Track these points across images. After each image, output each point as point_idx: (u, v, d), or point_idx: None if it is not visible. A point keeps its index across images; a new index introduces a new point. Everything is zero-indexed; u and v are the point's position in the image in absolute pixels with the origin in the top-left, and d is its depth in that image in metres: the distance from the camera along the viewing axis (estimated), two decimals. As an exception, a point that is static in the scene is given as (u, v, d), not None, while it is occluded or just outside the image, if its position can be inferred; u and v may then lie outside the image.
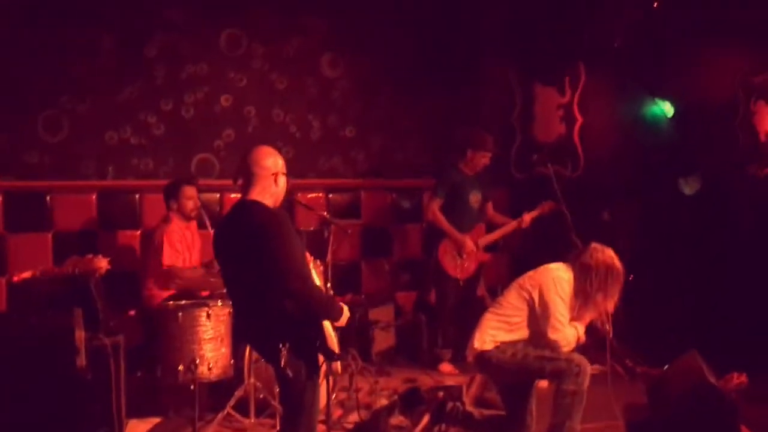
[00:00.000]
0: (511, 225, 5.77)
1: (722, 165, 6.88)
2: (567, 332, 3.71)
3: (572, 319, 3.81)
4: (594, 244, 3.87)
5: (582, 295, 3.77)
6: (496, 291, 6.34)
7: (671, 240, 5.97)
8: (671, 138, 6.90)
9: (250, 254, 2.94)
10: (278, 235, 2.91)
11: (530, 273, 3.93)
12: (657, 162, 6.63)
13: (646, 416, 4.22)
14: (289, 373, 2.90)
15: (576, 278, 3.77)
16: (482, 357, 3.83)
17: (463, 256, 5.59)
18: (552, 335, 3.70)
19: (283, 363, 2.88)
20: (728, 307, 5.63)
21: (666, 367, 4.32)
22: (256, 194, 3.06)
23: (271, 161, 3.10)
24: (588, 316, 3.82)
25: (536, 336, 3.79)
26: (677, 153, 6.76)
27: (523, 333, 3.82)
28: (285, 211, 3.23)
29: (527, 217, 5.75)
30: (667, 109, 7.02)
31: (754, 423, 4.17)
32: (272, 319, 2.95)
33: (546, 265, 3.92)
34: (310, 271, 3.08)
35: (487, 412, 4.26)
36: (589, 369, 3.66)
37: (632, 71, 6.90)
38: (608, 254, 3.81)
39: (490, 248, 5.88)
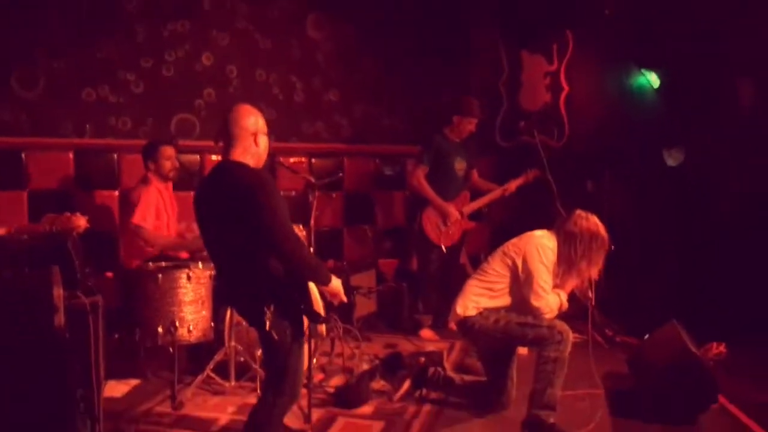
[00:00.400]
0: (496, 192, 5.73)
1: (706, 137, 6.89)
2: (550, 299, 3.72)
3: (555, 286, 3.81)
4: (578, 212, 3.85)
5: (566, 262, 3.77)
6: (478, 259, 6.35)
7: (654, 211, 5.98)
8: (657, 109, 6.89)
9: (235, 215, 2.86)
10: (264, 195, 2.84)
11: (514, 240, 3.91)
12: (642, 133, 6.63)
13: (626, 384, 4.26)
14: (275, 335, 2.85)
15: (560, 245, 3.76)
16: (465, 323, 3.83)
17: (447, 224, 5.55)
18: (535, 302, 3.70)
19: (268, 326, 2.83)
20: (708, 278, 5.67)
21: (647, 336, 4.35)
22: (237, 155, 2.98)
23: (251, 121, 3.01)
24: (571, 284, 3.83)
25: (519, 303, 3.79)
26: (662, 124, 6.76)
27: (505, 300, 3.82)
28: (269, 172, 3.15)
29: (512, 185, 5.72)
30: (653, 80, 7.01)
31: (731, 393, 4.24)
32: (257, 280, 2.89)
33: (530, 232, 3.90)
34: (296, 232, 3.01)
35: (467, 377, 4.28)
36: (571, 336, 3.68)
37: (620, 41, 6.86)
38: (593, 221, 3.79)
39: (474, 216, 5.85)
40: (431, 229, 5.55)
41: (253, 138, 2.99)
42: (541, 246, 3.75)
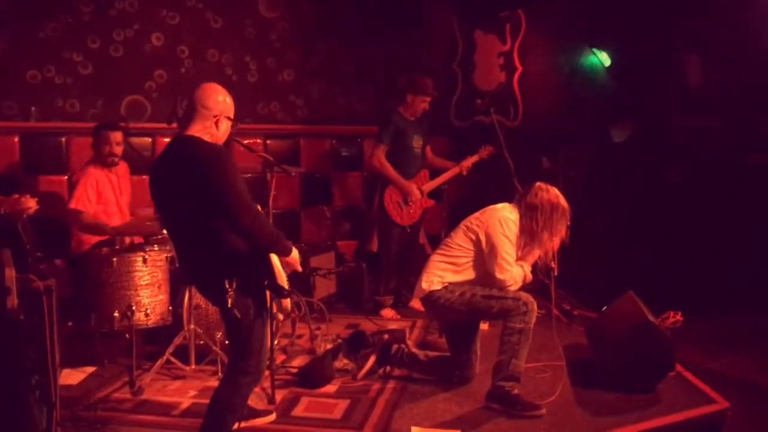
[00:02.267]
0: (454, 170, 5.75)
1: (656, 114, 7.04)
2: (514, 271, 3.74)
3: (519, 258, 3.83)
4: (539, 184, 3.88)
5: (528, 234, 3.80)
6: (438, 238, 6.37)
7: (608, 186, 6.08)
8: (608, 87, 7.00)
9: (191, 189, 2.79)
10: (223, 168, 2.77)
11: (476, 214, 3.93)
12: (594, 110, 6.72)
13: (585, 356, 4.33)
14: (237, 313, 2.80)
15: (522, 217, 3.79)
16: (430, 297, 3.83)
17: (409, 202, 5.55)
18: (499, 275, 3.72)
19: (230, 303, 2.77)
20: (662, 249, 5.81)
21: (605, 308, 4.42)
22: (194, 131, 2.91)
23: (214, 102, 2.93)
24: (534, 255, 3.85)
25: (483, 276, 3.81)
26: (612, 102, 6.87)
27: (470, 274, 3.83)
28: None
29: (467, 163, 5.74)
30: (604, 58, 7.10)
31: (684, 361, 4.35)
32: (217, 257, 2.83)
33: (492, 206, 3.92)
34: (256, 206, 2.96)
35: (431, 353, 4.28)
36: (536, 307, 3.71)
37: (572, 21, 6.93)
38: (553, 193, 3.83)
39: (433, 195, 5.86)
40: (393, 209, 5.53)
41: (215, 120, 2.93)
42: (503, 219, 3.77)
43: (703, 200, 6.04)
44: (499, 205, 3.89)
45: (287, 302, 3.12)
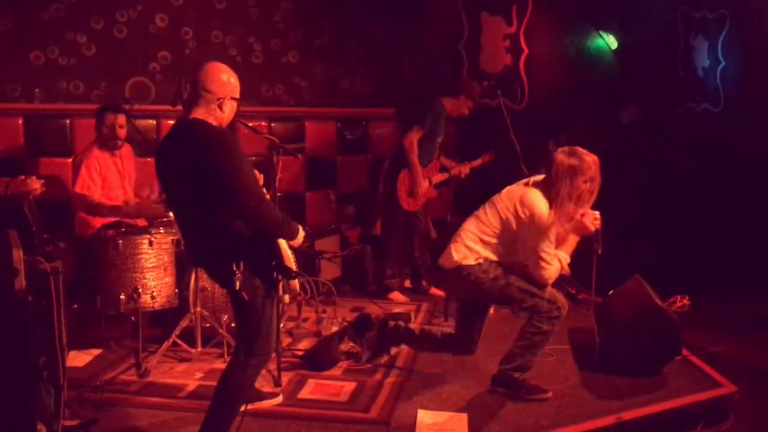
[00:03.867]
0: (455, 171, 5.74)
1: (662, 98, 7.00)
2: (552, 269, 3.53)
3: (558, 244, 3.59)
4: (560, 149, 3.57)
5: (558, 207, 3.47)
6: (443, 222, 6.36)
7: (612, 170, 6.04)
8: (614, 70, 6.96)
9: (198, 172, 2.77)
10: (228, 150, 2.75)
11: (507, 195, 3.63)
12: (600, 93, 6.69)
13: (591, 339, 4.32)
14: (245, 295, 2.79)
15: (551, 200, 3.48)
16: (460, 270, 3.63)
17: (416, 191, 5.52)
18: (538, 273, 3.53)
19: (238, 286, 2.76)
20: (667, 234, 5.79)
21: (611, 291, 4.41)
22: (199, 114, 2.88)
23: (218, 85, 2.89)
24: (573, 239, 3.61)
25: (510, 254, 3.65)
26: (619, 85, 6.83)
27: (498, 250, 3.63)
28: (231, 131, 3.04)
29: (466, 168, 5.75)
30: (610, 41, 7.06)
31: (693, 346, 4.35)
32: (225, 239, 2.81)
33: (522, 188, 3.60)
34: (262, 189, 2.94)
35: (427, 328, 4.21)
36: (566, 313, 3.61)
37: (578, 3, 6.87)
38: (575, 153, 3.48)
39: (438, 185, 5.86)
40: (403, 191, 5.51)
41: (218, 103, 2.88)
42: (537, 213, 3.46)
43: (710, 185, 6.03)
44: (531, 191, 3.54)
45: (295, 283, 3.10)
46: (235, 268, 2.77)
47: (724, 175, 6.41)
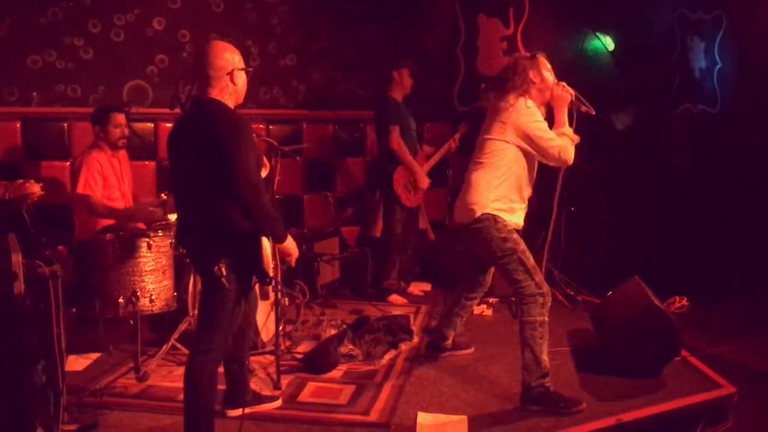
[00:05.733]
0: (443, 149, 5.80)
1: (659, 100, 7.01)
2: (560, 142, 3.58)
3: (555, 126, 3.67)
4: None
5: (540, 98, 3.66)
6: (441, 224, 6.37)
7: (610, 170, 6.06)
8: (611, 72, 6.96)
9: (205, 154, 2.78)
10: (237, 137, 2.75)
11: (489, 124, 3.70)
12: (597, 95, 6.69)
13: (590, 341, 4.33)
14: (226, 282, 2.78)
15: (526, 95, 3.63)
16: (477, 221, 3.61)
17: (416, 186, 5.56)
18: (550, 154, 3.58)
19: (221, 272, 2.76)
20: (665, 236, 5.80)
21: (610, 292, 4.41)
22: (215, 94, 2.90)
23: (225, 60, 2.90)
24: (559, 114, 3.69)
25: (521, 179, 3.67)
26: (615, 87, 6.84)
27: (510, 183, 3.64)
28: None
29: (453, 143, 5.81)
30: (607, 43, 7.06)
31: (692, 347, 4.36)
32: (217, 228, 2.82)
33: (501, 106, 3.66)
34: (263, 182, 2.93)
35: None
36: (549, 302, 3.59)
37: (575, 4, 6.88)
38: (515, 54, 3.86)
39: (436, 179, 5.87)
40: (401, 190, 5.53)
41: (229, 77, 2.90)
42: (520, 108, 3.58)
43: (708, 186, 6.03)
44: (507, 99, 3.64)
45: (268, 289, 3.09)
46: (218, 257, 2.78)
47: (722, 176, 6.42)
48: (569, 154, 3.61)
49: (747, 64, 7.37)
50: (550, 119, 3.72)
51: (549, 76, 3.69)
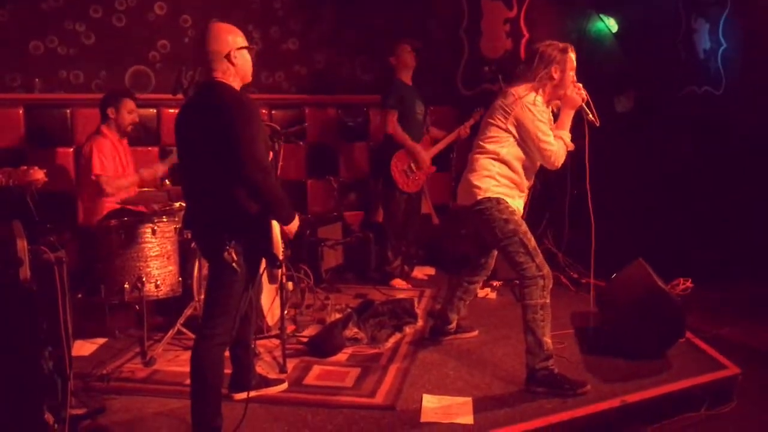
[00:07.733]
0: (452, 136, 5.79)
1: (664, 81, 6.97)
2: (556, 147, 3.58)
3: (557, 126, 3.66)
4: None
5: (552, 93, 3.62)
6: (446, 207, 6.36)
7: (616, 153, 6.04)
8: (615, 54, 6.92)
9: (212, 137, 2.78)
10: (244, 118, 2.75)
11: (498, 105, 3.67)
12: (602, 77, 6.65)
13: (594, 323, 4.33)
14: (235, 266, 2.78)
15: (538, 87, 3.58)
16: (480, 203, 3.63)
17: (416, 170, 5.55)
18: (545, 156, 3.59)
19: (231, 257, 2.76)
20: (669, 218, 5.79)
21: (614, 275, 4.41)
22: (219, 76, 2.90)
23: (223, 41, 2.89)
24: (565, 116, 3.66)
25: (522, 165, 3.68)
26: (619, 69, 6.80)
27: (511, 168, 3.66)
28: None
29: (465, 129, 5.78)
30: (611, 24, 7.01)
31: (696, 328, 4.36)
32: (226, 209, 2.82)
33: (509, 94, 3.64)
34: (270, 164, 2.93)
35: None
36: (551, 284, 3.58)
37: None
38: (545, 42, 3.64)
39: (439, 164, 5.85)
40: (399, 176, 5.52)
41: (227, 59, 2.89)
42: (527, 103, 3.55)
43: (712, 168, 6.01)
44: (517, 90, 3.61)
45: (278, 272, 3.09)
46: (227, 241, 2.78)
47: (727, 157, 6.39)
48: (560, 160, 3.62)
49: (751, 45, 7.32)
50: (555, 116, 3.72)
51: (570, 75, 3.61)
